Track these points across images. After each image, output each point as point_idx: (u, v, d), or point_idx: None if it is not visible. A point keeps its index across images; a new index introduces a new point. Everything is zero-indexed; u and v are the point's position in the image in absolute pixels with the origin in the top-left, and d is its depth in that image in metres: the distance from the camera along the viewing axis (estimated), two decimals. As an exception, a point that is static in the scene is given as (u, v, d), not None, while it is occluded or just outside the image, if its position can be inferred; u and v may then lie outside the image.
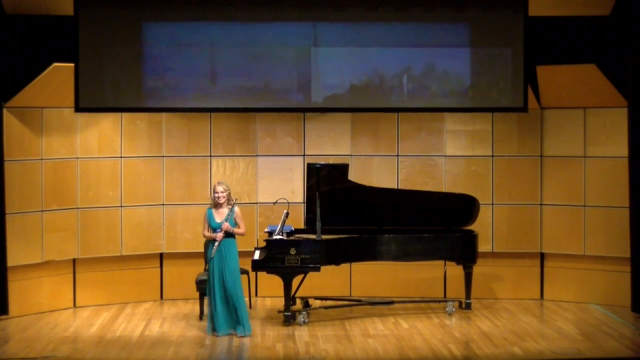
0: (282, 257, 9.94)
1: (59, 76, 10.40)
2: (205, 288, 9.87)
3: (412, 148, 11.53)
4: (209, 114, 11.36)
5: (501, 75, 10.75)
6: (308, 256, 9.95)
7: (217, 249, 9.55)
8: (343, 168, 10.39)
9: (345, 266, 10.96)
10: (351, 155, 11.53)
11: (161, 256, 11.48)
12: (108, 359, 8.89)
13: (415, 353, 8.97)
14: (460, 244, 10.57)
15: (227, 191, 9.71)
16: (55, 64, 10.29)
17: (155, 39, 10.62)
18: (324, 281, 11.06)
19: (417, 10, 10.69)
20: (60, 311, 10.80)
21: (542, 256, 11.48)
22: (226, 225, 9.57)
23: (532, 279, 11.49)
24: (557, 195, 11.31)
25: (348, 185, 10.41)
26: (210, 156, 11.47)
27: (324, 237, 10.08)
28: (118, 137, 11.17)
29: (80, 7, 10.35)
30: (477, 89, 10.82)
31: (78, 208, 10.97)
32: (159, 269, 11.49)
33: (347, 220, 10.64)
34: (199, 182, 11.36)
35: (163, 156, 11.37)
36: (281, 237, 10.11)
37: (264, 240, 10.17)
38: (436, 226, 10.70)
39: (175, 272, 11.44)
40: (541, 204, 11.40)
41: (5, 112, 10.27)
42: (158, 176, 11.37)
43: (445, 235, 10.54)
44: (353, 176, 10.89)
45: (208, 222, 9.67)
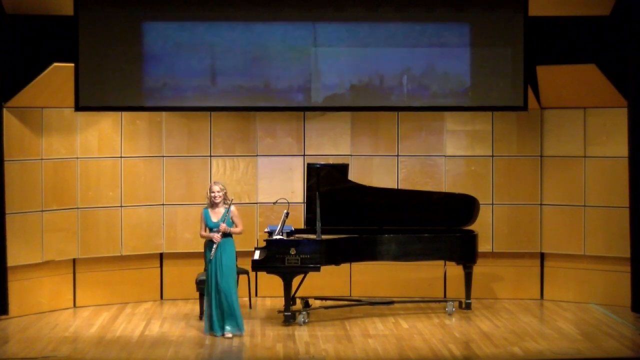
0: (282, 257, 9.94)
1: (59, 76, 10.40)
2: (204, 288, 9.87)
3: (412, 148, 11.52)
4: (209, 114, 11.36)
5: (501, 75, 10.75)
6: (308, 256, 9.95)
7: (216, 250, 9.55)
8: (343, 168, 10.38)
9: (345, 266, 10.96)
10: (351, 155, 11.53)
11: (161, 256, 11.47)
12: (108, 359, 8.89)
13: (415, 353, 8.96)
14: (460, 244, 10.57)
15: (223, 191, 9.68)
16: (55, 64, 10.29)
17: (155, 39, 10.61)
18: (324, 281, 11.06)
19: (417, 10, 10.69)
20: (60, 311, 10.80)
21: (542, 256, 11.48)
22: (223, 226, 9.55)
23: (532, 279, 11.49)
24: (557, 195, 11.31)
25: (348, 185, 10.41)
26: (210, 156, 11.46)
27: (324, 237, 10.08)
28: (118, 137, 11.17)
29: (80, 7, 10.35)
30: (477, 89, 10.82)
31: (78, 208, 10.97)
32: (159, 269, 11.48)
33: (347, 220, 10.64)
34: (199, 182, 11.36)
35: (163, 156, 11.37)
36: (281, 237, 10.10)
37: (264, 240, 10.17)
38: (436, 226, 10.70)
39: (175, 272, 11.43)
40: (541, 204, 11.39)
41: (5, 112, 10.27)
42: (158, 176, 11.36)
43: (445, 235, 10.54)
44: (353, 176, 10.89)
45: (205, 222, 9.66)
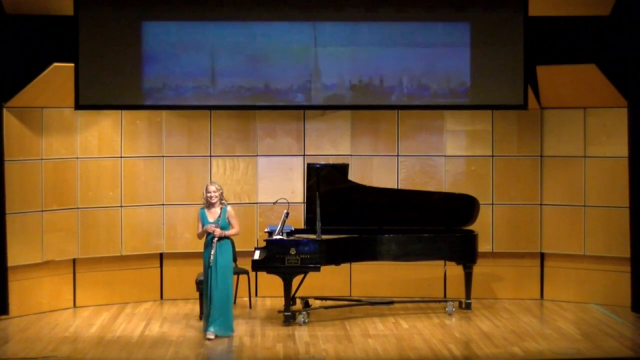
0: (282, 257, 9.94)
1: (59, 76, 10.40)
2: (204, 288, 9.87)
3: (412, 148, 11.52)
4: (209, 114, 11.36)
5: (501, 75, 10.74)
6: (308, 256, 9.95)
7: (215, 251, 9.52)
8: (343, 168, 10.38)
9: (345, 266, 10.95)
10: (351, 155, 11.53)
11: (161, 256, 11.47)
12: (108, 359, 8.89)
13: (415, 353, 8.96)
14: (460, 244, 10.57)
15: (220, 191, 9.64)
16: (55, 64, 10.29)
17: (155, 39, 10.61)
18: (324, 281, 11.05)
19: (417, 10, 10.68)
20: (60, 311, 10.80)
21: (542, 256, 11.48)
22: (218, 232, 9.48)
23: (532, 279, 11.49)
24: (557, 195, 11.31)
25: (348, 185, 10.41)
26: (210, 156, 11.46)
27: (324, 237, 10.08)
28: (118, 137, 11.16)
29: (80, 7, 10.35)
30: (477, 90, 10.80)
31: (78, 208, 10.97)
32: (159, 269, 11.48)
33: (347, 220, 10.64)
34: (199, 182, 11.34)
35: (163, 156, 11.37)
36: (281, 237, 10.10)
37: (264, 240, 10.17)
38: (436, 226, 10.70)
39: (175, 272, 11.43)
40: (541, 204, 11.39)
41: (5, 112, 10.27)
42: (158, 176, 11.36)
43: (445, 235, 10.54)
44: (353, 176, 10.89)
45: (201, 222, 9.64)
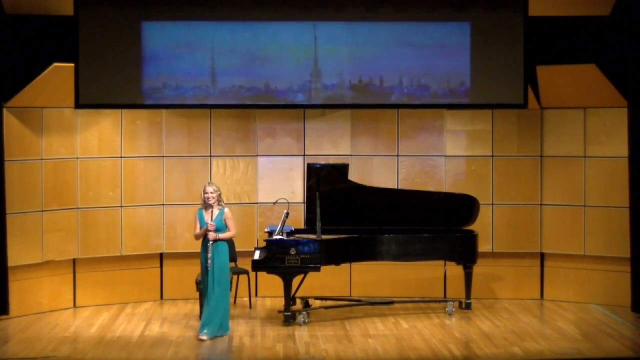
0: (282, 257, 9.94)
1: (59, 76, 10.40)
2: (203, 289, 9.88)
3: (412, 148, 11.52)
4: (209, 114, 11.36)
5: (501, 75, 10.74)
6: (308, 256, 9.95)
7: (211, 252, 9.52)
8: (343, 168, 10.38)
9: (345, 266, 10.95)
10: (351, 155, 11.53)
11: (161, 256, 11.47)
12: (108, 359, 8.89)
13: (415, 353, 8.96)
14: (460, 244, 10.57)
15: (217, 192, 9.63)
16: (55, 64, 10.29)
17: (155, 39, 10.61)
18: (324, 281, 11.05)
19: (417, 10, 10.68)
20: (60, 311, 10.80)
21: (542, 256, 11.48)
22: (212, 235, 9.49)
23: (532, 279, 11.49)
24: (557, 195, 11.31)
25: (348, 185, 10.41)
26: (210, 156, 11.46)
27: (324, 237, 10.08)
28: (118, 137, 11.16)
29: (80, 7, 10.35)
30: (477, 90, 10.80)
31: (78, 208, 10.97)
32: (159, 269, 11.48)
33: (347, 220, 10.64)
34: (199, 182, 11.31)
35: (163, 156, 11.37)
36: (281, 237, 10.10)
37: (264, 240, 10.17)
38: (436, 226, 10.70)
39: (175, 272, 11.43)
40: (541, 204, 11.39)
41: (5, 112, 10.26)
42: (158, 176, 11.36)
43: (445, 235, 10.54)
44: (353, 176, 10.89)
45: (199, 223, 9.63)
